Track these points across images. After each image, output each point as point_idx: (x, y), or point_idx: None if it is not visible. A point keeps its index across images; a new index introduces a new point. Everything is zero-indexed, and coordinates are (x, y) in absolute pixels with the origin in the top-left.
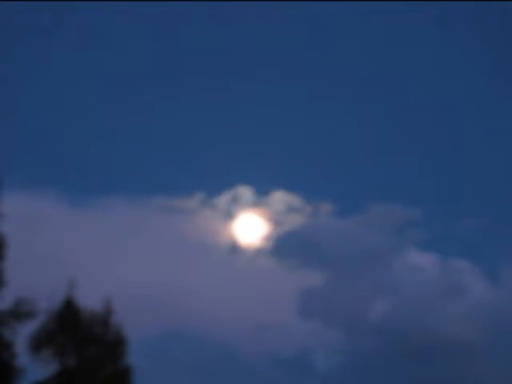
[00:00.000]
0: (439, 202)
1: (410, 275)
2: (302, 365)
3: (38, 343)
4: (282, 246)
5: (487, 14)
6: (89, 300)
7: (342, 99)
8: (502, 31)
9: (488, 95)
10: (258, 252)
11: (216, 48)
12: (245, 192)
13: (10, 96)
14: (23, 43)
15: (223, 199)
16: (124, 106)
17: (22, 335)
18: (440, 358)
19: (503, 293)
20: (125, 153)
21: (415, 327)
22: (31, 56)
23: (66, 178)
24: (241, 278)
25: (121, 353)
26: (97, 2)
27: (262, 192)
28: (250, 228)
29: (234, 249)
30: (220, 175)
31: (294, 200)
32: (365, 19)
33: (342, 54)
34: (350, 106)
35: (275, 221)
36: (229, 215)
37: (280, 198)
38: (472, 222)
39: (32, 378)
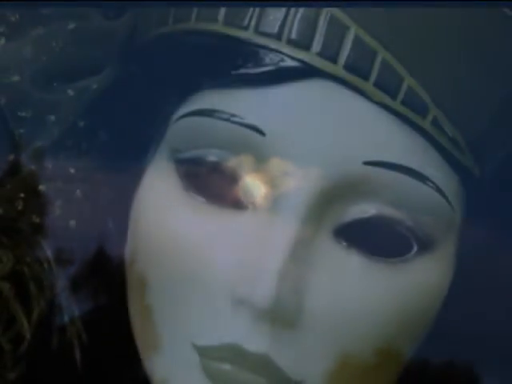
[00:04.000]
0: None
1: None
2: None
3: (75, 285)
4: (278, 204)
5: None
6: (117, 250)
7: None
8: None
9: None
10: (258, 210)
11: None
12: (247, 160)
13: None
14: None
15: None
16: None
17: (61, 279)
18: None
19: (464, 247)
20: (148, 131)
21: None
22: None
23: (98, 148)
24: (243, 232)
25: (143, 293)
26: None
27: (260, 160)
28: (251, 190)
29: (238, 207)
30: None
31: (288, 166)
32: None
33: None
34: None
35: (272, 184)
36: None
37: (276, 164)
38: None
39: (69, 314)
